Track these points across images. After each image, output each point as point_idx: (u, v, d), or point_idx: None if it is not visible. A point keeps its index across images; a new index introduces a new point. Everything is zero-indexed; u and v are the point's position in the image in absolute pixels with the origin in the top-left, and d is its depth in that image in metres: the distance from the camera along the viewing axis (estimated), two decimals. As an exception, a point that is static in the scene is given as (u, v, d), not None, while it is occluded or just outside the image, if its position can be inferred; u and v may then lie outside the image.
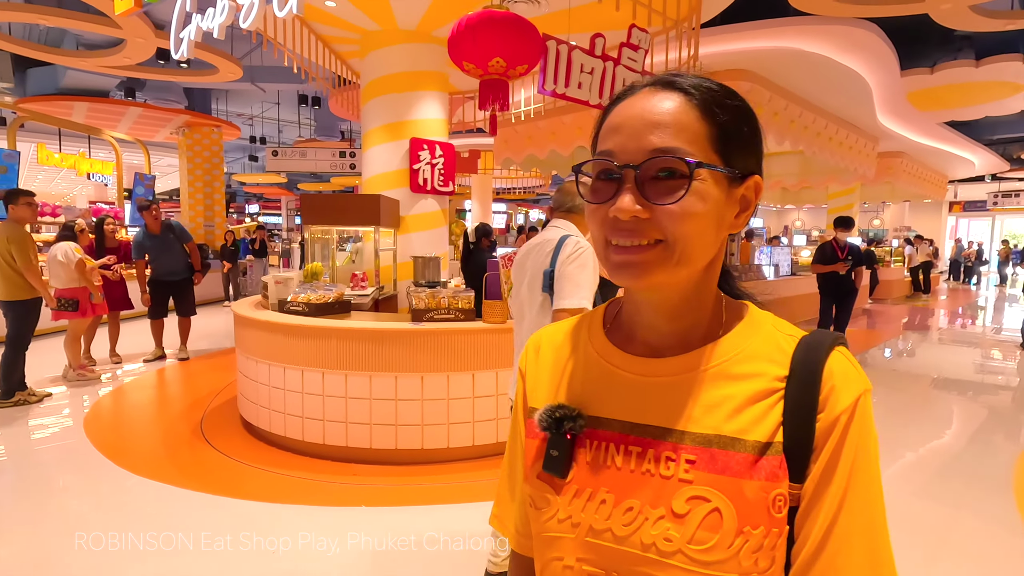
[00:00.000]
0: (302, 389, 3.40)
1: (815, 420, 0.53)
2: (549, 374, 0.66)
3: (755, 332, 0.59)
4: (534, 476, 0.61)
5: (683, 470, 0.54)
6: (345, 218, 5.24)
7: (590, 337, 0.65)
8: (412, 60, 5.99)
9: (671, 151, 0.52)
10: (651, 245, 0.53)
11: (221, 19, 3.15)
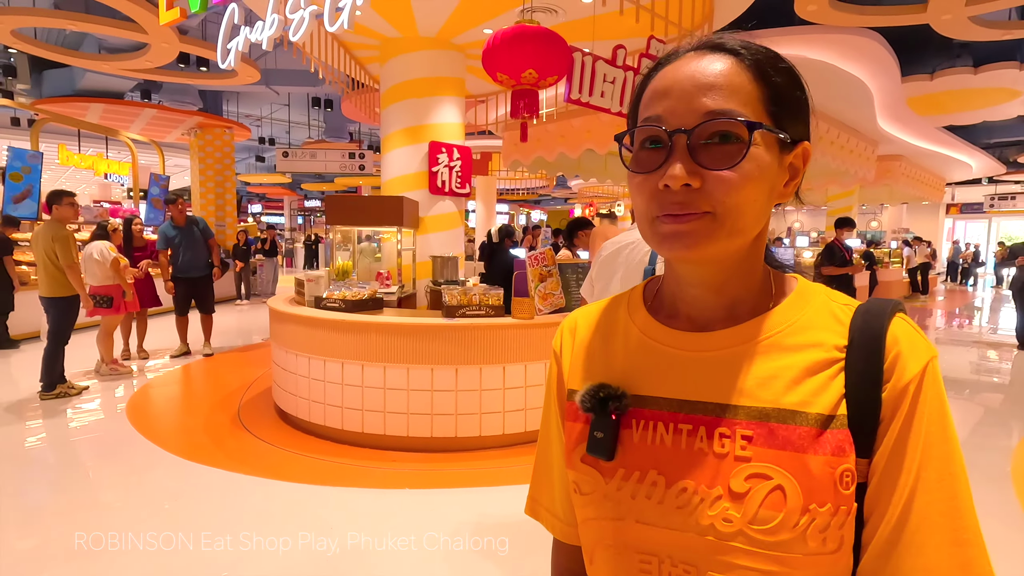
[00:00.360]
0: (342, 380, 3.60)
1: (881, 391, 0.50)
2: (587, 354, 0.64)
3: (807, 302, 0.56)
4: (578, 460, 0.59)
5: (740, 447, 0.51)
6: (369, 219, 5.43)
7: (631, 314, 0.63)
8: (432, 66, 6.20)
9: (728, 113, 0.50)
10: (700, 215, 0.50)
11: (270, 32, 3.35)
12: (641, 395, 0.57)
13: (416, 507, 2.85)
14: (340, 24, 3.00)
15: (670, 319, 0.60)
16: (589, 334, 0.65)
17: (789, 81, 0.54)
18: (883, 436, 0.50)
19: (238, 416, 4.23)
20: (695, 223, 0.50)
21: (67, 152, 8.87)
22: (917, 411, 0.49)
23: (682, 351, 0.57)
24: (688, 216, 0.50)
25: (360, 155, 12.31)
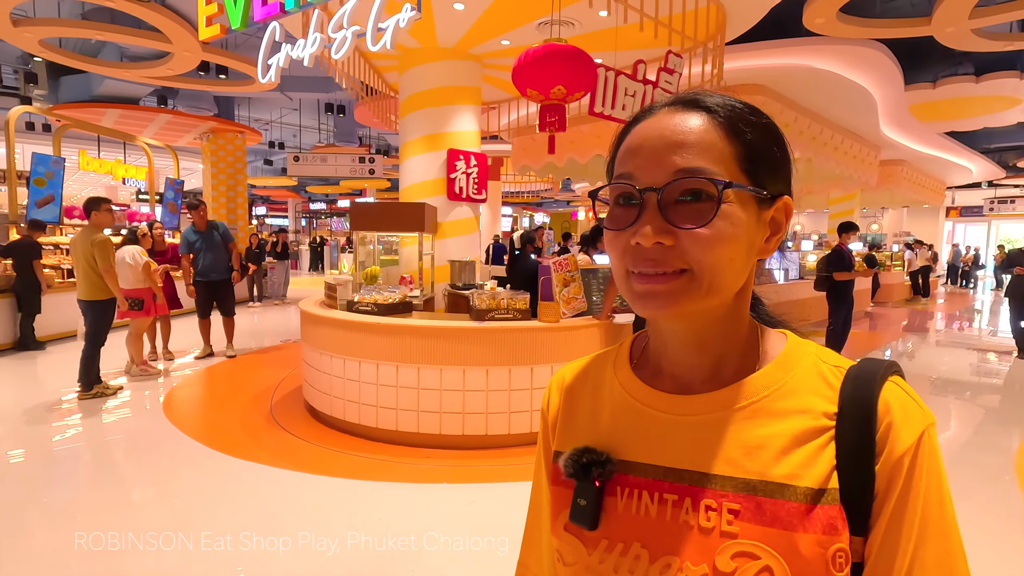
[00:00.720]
0: (376, 381, 3.77)
1: (874, 463, 0.48)
2: (574, 414, 0.62)
3: (796, 363, 0.54)
4: (560, 527, 0.57)
5: (726, 521, 0.48)
6: (392, 224, 5.60)
7: (616, 372, 0.61)
8: (450, 75, 6.37)
9: (697, 171, 0.49)
10: (676, 274, 0.49)
11: (312, 49, 3.52)
12: (626, 460, 0.54)
13: (456, 501, 3.02)
14: (383, 44, 3.17)
15: (654, 378, 0.58)
16: (576, 391, 0.63)
17: (764, 137, 0.53)
18: (878, 513, 0.48)
19: (271, 414, 4.40)
20: (671, 283, 0.49)
21: (87, 157, 9.05)
22: (912, 486, 0.47)
23: (666, 414, 0.55)
24: (662, 276, 0.49)
25: (370, 159, 12.48)
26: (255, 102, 12.96)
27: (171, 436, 3.93)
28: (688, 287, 0.49)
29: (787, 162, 0.55)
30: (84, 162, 8.86)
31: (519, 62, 3.54)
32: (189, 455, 3.62)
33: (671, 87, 4.47)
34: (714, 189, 0.49)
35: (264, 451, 3.69)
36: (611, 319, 4.01)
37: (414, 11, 3.03)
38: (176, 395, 4.99)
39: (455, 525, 2.74)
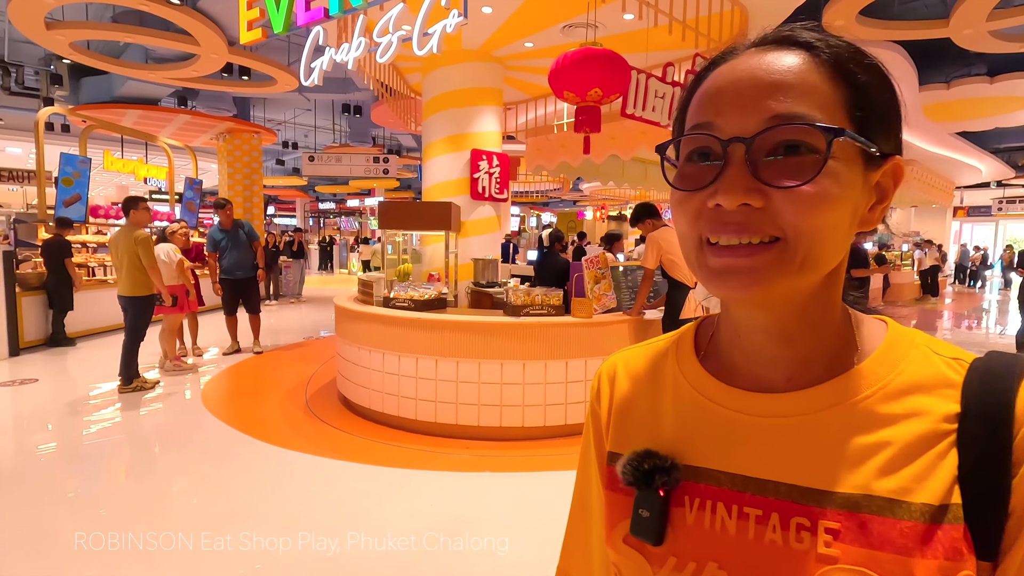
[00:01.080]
0: (416, 374, 3.89)
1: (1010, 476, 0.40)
2: (630, 410, 0.55)
3: (903, 356, 0.46)
4: (619, 540, 0.50)
5: (823, 543, 0.41)
6: (419, 223, 5.73)
7: (679, 364, 0.53)
8: (473, 77, 6.50)
9: (798, 117, 0.41)
10: (765, 245, 0.42)
11: (356, 53, 3.64)
12: (696, 466, 0.48)
13: (503, 488, 3.14)
14: (429, 48, 3.29)
15: (728, 373, 0.50)
16: (632, 385, 0.56)
17: (878, 81, 0.44)
18: (1014, 536, 0.39)
19: (308, 406, 4.53)
20: (758, 256, 0.42)
21: (111, 157, 9.20)
22: None
23: (744, 415, 0.47)
24: (746, 248, 0.42)
25: (384, 159, 12.61)
26: (270, 103, 13.11)
27: (217, 428, 4.06)
28: (779, 260, 0.41)
29: (899, 115, 0.46)
30: (108, 162, 9.02)
31: (557, 65, 3.66)
32: (237, 445, 3.74)
33: (698, 89, 4.58)
34: (821, 139, 0.40)
35: (307, 441, 3.81)
36: (641, 315, 4.12)
37: (461, 17, 3.15)
38: (212, 389, 5.12)
39: (507, 510, 2.86)
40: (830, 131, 0.40)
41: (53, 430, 4.04)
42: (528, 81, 7.62)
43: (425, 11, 3.27)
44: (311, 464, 3.44)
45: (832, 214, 0.41)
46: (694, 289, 3.86)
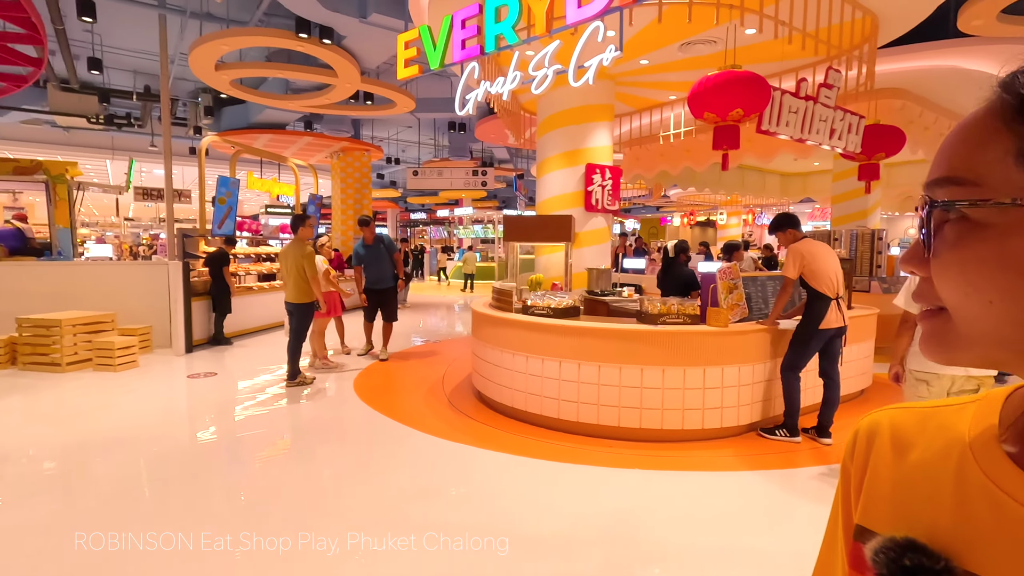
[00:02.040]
0: (559, 376, 4.22)
1: None
2: (891, 483, 0.46)
3: None
4: None
5: None
6: (541, 235, 6.09)
7: (973, 443, 0.43)
8: (587, 95, 6.79)
9: (949, 179, 0.38)
10: (936, 312, 0.40)
11: (512, 86, 4.05)
12: None
13: (658, 483, 3.38)
14: (585, 80, 3.62)
15: None
16: (897, 452, 0.47)
17: None
18: None
19: (450, 402, 4.99)
20: (930, 322, 0.41)
21: (253, 178, 10.41)
22: None
23: None
24: (925, 313, 0.41)
25: (482, 172, 13.22)
26: (377, 122, 14.12)
27: (379, 420, 4.59)
28: (944, 330, 0.40)
29: None
30: (251, 182, 10.22)
31: (698, 88, 3.88)
32: (400, 435, 4.24)
33: (830, 101, 4.62)
34: (967, 204, 0.37)
35: (462, 433, 4.24)
36: (776, 325, 4.22)
37: (617, 51, 3.45)
38: (362, 385, 5.71)
39: (665, 504, 3.11)
40: (968, 202, 0.37)
41: (245, 415, 4.74)
42: (634, 95, 7.84)
43: (581, 47, 3.60)
44: (477, 455, 3.84)
45: (973, 282, 0.37)
46: (835, 300, 3.92)
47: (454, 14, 4.35)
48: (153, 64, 10.99)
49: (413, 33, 4.70)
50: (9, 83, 8.67)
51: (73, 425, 4.41)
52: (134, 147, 14.68)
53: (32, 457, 3.78)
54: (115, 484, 3.36)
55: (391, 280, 6.93)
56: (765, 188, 14.10)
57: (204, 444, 4.17)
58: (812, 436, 4.09)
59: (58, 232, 8.09)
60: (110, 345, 6.17)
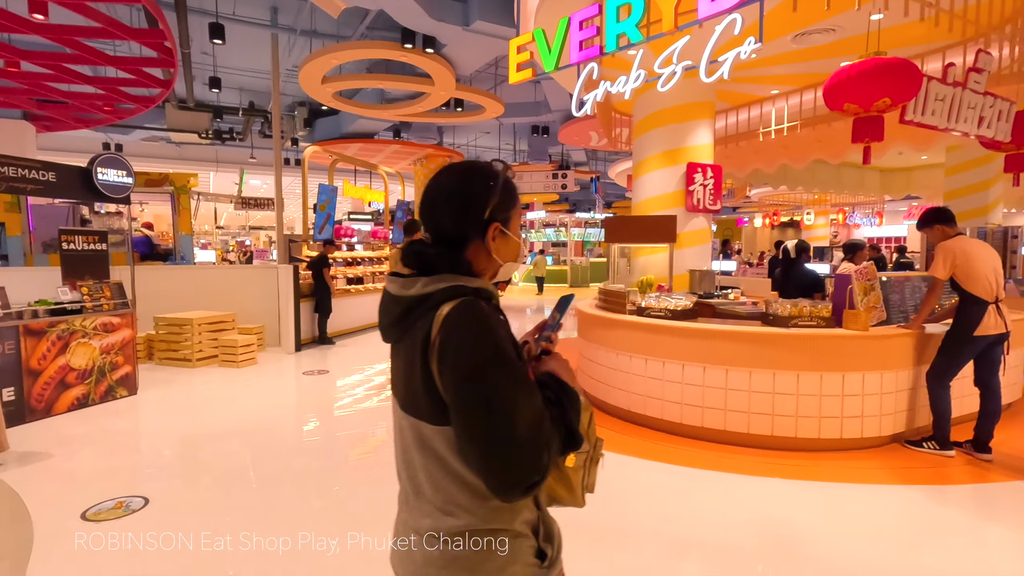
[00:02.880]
0: (681, 380, 4.12)
1: None
2: None
3: None
4: None
5: None
6: (644, 236, 5.98)
7: None
8: (688, 93, 6.62)
9: None
10: None
11: (635, 84, 4.02)
12: None
13: (805, 493, 3.22)
14: (719, 75, 3.53)
15: None
16: None
17: None
18: None
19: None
20: None
21: (349, 185, 10.95)
22: None
23: None
24: None
25: (562, 175, 13.20)
26: (458, 129, 14.43)
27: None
28: None
29: None
30: (347, 189, 10.75)
31: (836, 79, 3.67)
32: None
33: (979, 87, 4.26)
34: None
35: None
36: (922, 329, 3.92)
37: (757, 43, 3.33)
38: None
39: (817, 515, 2.95)
40: None
41: (364, 410, 4.94)
42: (733, 91, 7.57)
43: (715, 41, 3.51)
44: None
45: None
46: (993, 304, 3.59)
47: (571, 16, 4.36)
48: (256, 81, 11.77)
49: (526, 37, 4.75)
50: (139, 104, 9.55)
51: (214, 415, 4.75)
52: (234, 159, 15.77)
53: (190, 441, 4.11)
54: (265, 471, 3.59)
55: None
56: (863, 185, 13.23)
57: (333, 436, 4.37)
58: (968, 451, 3.75)
59: (181, 239, 8.79)
60: (233, 343, 6.63)
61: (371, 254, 10.47)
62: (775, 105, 7.79)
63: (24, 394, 4.44)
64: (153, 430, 4.45)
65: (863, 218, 20.35)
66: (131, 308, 5.32)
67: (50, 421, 4.56)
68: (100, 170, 4.98)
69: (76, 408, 4.82)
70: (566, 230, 21.09)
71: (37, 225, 8.04)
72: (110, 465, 3.72)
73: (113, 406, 5.01)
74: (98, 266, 5.56)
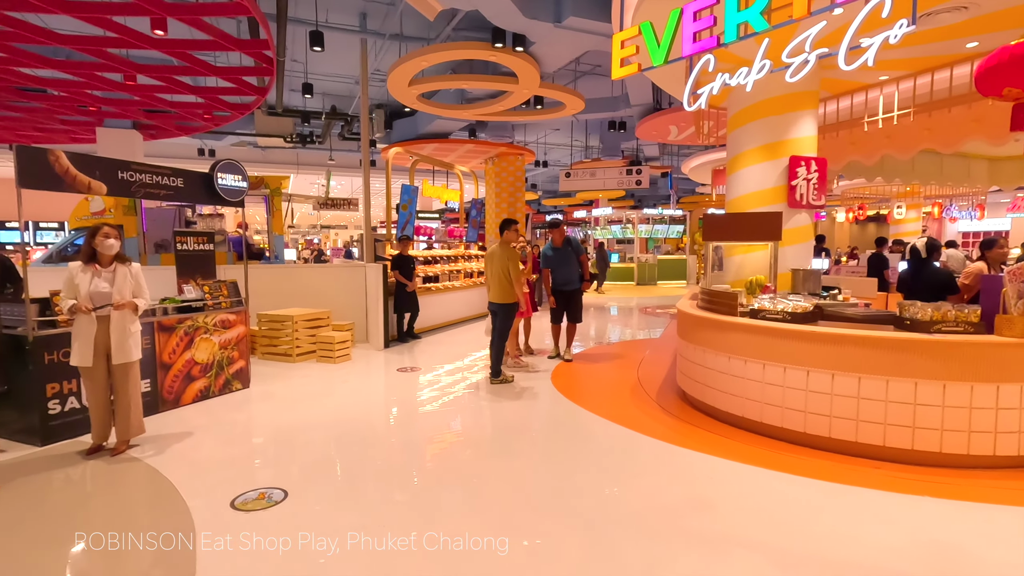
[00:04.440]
0: (805, 387, 3.89)
1: None
2: None
3: None
4: None
5: None
6: (746, 233, 5.71)
7: None
8: (787, 83, 6.26)
9: None
10: None
11: (758, 76, 3.83)
12: None
13: (969, 515, 2.96)
14: (862, 61, 3.29)
15: None
16: None
17: None
18: None
19: (660, 406, 4.86)
20: None
21: (428, 185, 11.17)
22: None
23: None
24: None
25: (637, 171, 12.92)
26: (530, 126, 14.40)
27: (602, 425, 4.58)
28: None
29: None
30: (426, 189, 10.98)
31: (997, 60, 3.34)
32: (630, 440, 4.17)
33: None
34: None
35: (697, 442, 4.07)
36: (1091, 337, 3.52)
37: (911, 26, 3.08)
38: (566, 386, 5.76)
39: (995, 542, 2.69)
40: None
41: (460, 408, 4.99)
42: (836, 78, 7.11)
43: (857, 25, 3.28)
44: (726, 467, 3.66)
45: None
46: None
47: (683, 7, 4.20)
48: (337, 86, 12.18)
49: (631, 31, 4.63)
50: (235, 111, 10.09)
51: (327, 408, 4.94)
52: (314, 161, 16.42)
53: (310, 433, 4.27)
54: (384, 466, 3.68)
55: (578, 282, 6.94)
56: (969, 175, 12.16)
57: (436, 433, 4.43)
58: None
59: (275, 239, 9.21)
60: (330, 339, 6.88)
61: (448, 252, 10.61)
62: (883, 92, 7.26)
63: (158, 386, 4.76)
64: (272, 423, 4.67)
65: (961, 211, 18.79)
66: (245, 306, 5.60)
67: (179, 411, 4.87)
68: (220, 175, 5.27)
69: (199, 400, 5.14)
70: (633, 226, 20.66)
71: (149, 227, 8.66)
72: (241, 454, 3.93)
73: (231, 398, 5.30)
74: (206, 265, 5.91)
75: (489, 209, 14.25)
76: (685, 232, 21.52)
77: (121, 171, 4.50)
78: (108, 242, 3.83)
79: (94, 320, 3.74)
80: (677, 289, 16.67)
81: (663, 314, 11.54)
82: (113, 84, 8.63)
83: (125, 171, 4.53)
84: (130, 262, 4.04)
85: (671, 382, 5.81)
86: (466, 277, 10.47)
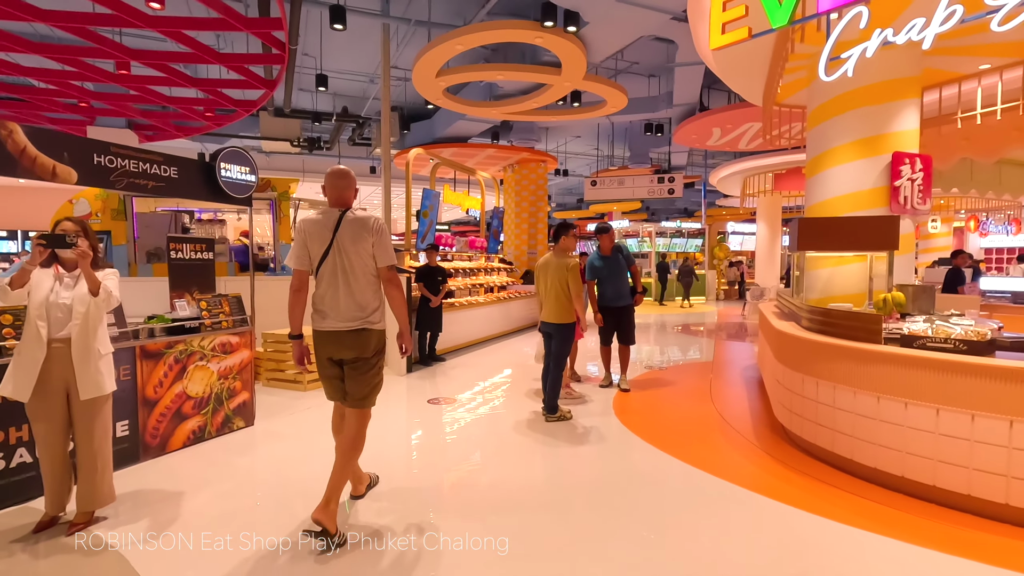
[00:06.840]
0: (1008, 443, 2.91)
1: None
2: None
3: None
4: None
5: None
6: (852, 243, 4.78)
7: None
8: (888, 67, 5.40)
9: None
10: None
11: (942, 28, 2.89)
12: None
13: None
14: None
15: None
16: None
17: None
18: None
19: (766, 452, 3.87)
20: None
21: (449, 191, 10.26)
22: None
23: None
24: None
25: (669, 179, 12.04)
26: (551, 131, 13.56)
27: (699, 477, 3.58)
28: None
29: None
30: (448, 195, 10.06)
31: None
32: (744, 501, 3.17)
33: None
34: None
35: (836, 508, 3.07)
36: None
37: None
38: (632, 421, 4.76)
39: None
40: None
41: (521, 457, 3.98)
42: (931, 66, 6.20)
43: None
44: (890, 547, 2.66)
45: None
46: None
47: (819, -50, 3.30)
48: (351, 85, 11.33)
49: (739, -12, 3.73)
50: (240, 108, 9.19)
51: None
52: (320, 168, 15.55)
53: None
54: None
55: (630, 296, 5.98)
56: (1000, 182, 11.33)
57: (494, 495, 3.40)
58: None
59: (282, 248, 8.27)
60: (347, 364, 5.86)
61: (469, 265, 9.64)
62: (980, 83, 6.37)
63: (139, 428, 3.76)
64: (283, 474, 3.66)
65: (997, 225, 17.91)
66: (250, 325, 4.62)
67: (166, 459, 3.86)
68: (223, 165, 4.33)
69: (192, 443, 4.13)
70: (651, 239, 19.75)
71: (141, 234, 7.70)
72: (247, 521, 2.91)
73: (232, 440, 4.30)
74: (205, 276, 4.94)
75: (508, 218, 13.34)
76: (703, 247, 20.64)
77: (98, 154, 3.53)
78: (68, 239, 2.85)
79: (44, 343, 2.75)
80: (702, 307, 15.72)
81: (704, 333, 10.59)
82: (104, 74, 7.73)
83: (103, 154, 3.56)
84: (106, 267, 3.06)
85: (762, 417, 4.84)
86: (487, 292, 9.50)
